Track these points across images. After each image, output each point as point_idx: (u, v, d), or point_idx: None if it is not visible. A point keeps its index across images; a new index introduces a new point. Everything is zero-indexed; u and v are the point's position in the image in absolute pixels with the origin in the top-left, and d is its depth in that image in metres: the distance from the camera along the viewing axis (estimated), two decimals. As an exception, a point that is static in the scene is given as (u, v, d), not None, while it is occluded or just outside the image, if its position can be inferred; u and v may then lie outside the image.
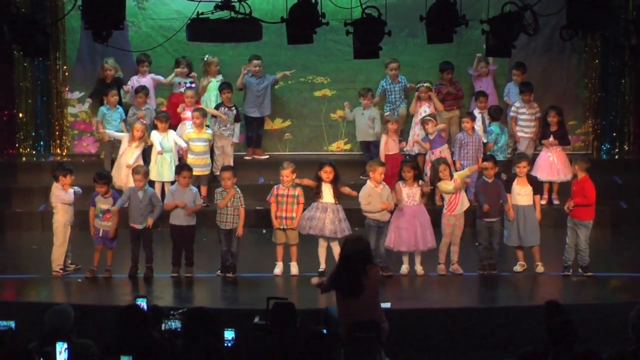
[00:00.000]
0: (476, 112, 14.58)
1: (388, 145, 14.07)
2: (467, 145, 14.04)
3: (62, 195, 12.12)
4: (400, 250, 12.16)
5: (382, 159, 13.61)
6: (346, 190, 12.21)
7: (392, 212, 12.10)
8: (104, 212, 12.05)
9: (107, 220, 12.03)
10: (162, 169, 13.96)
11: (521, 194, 12.17)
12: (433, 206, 13.36)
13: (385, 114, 14.70)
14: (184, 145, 14.05)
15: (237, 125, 14.78)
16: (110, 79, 14.89)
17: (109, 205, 12.04)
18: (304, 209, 12.20)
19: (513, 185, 12.21)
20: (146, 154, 14.14)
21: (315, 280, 11.46)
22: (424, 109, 14.53)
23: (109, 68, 14.91)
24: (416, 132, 14.52)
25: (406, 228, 12.07)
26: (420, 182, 12.36)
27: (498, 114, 14.51)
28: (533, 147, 14.66)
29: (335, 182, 12.10)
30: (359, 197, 12.12)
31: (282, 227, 12.10)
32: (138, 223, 12.06)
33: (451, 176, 12.21)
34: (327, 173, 12.07)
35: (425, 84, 14.67)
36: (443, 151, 14.04)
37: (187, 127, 14.37)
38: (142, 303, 8.75)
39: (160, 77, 15.03)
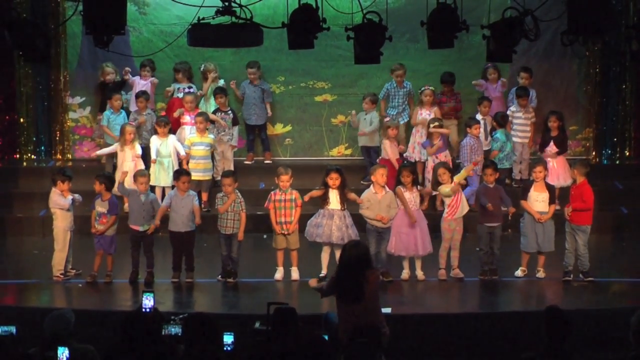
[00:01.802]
0: (479, 117, 14.56)
1: (391, 150, 14.07)
2: (476, 150, 14.02)
3: (59, 200, 12.12)
4: (401, 255, 12.15)
5: (393, 161, 13.65)
6: (352, 196, 12.19)
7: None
8: (101, 216, 12.06)
9: (102, 224, 12.04)
10: (160, 174, 13.95)
11: (539, 200, 12.12)
12: (434, 211, 13.35)
13: (386, 119, 14.70)
14: (182, 153, 14.02)
15: (236, 129, 14.80)
16: (110, 82, 14.92)
17: (105, 209, 12.04)
18: (310, 215, 12.20)
19: (530, 192, 12.17)
20: (147, 158, 14.14)
21: (313, 282, 11.47)
22: (426, 115, 14.50)
23: (110, 72, 14.95)
24: (417, 139, 14.53)
25: (407, 233, 12.07)
26: (419, 187, 12.32)
27: (504, 120, 14.48)
28: (528, 152, 14.64)
29: (342, 188, 12.09)
30: (362, 203, 12.12)
31: (282, 232, 12.10)
32: (139, 225, 12.06)
33: (451, 180, 12.19)
34: (333, 179, 12.06)
35: (430, 87, 14.65)
36: (442, 157, 14.04)
37: (187, 132, 14.38)
38: (149, 297, 8.76)
39: (153, 79, 15.00)
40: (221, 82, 15.09)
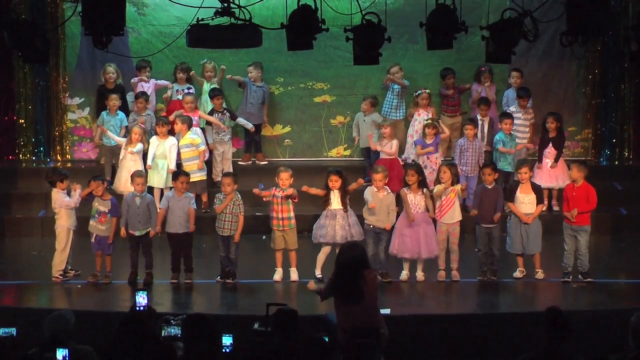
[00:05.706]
0: (478, 118, 14.55)
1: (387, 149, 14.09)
2: (467, 151, 14.02)
3: (64, 200, 12.10)
4: (404, 257, 12.14)
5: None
6: (354, 186, 12.16)
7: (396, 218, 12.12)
8: (100, 214, 12.04)
9: (101, 223, 12.02)
10: (152, 175, 13.89)
11: (525, 202, 12.10)
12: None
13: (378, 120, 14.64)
14: (172, 166, 13.80)
15: (241, 119, 14.75)
16: (112, 85, 14.90)
17: (107, 209, 12.03)
18: (310, 215, 12.21)
19: (516, 193, 12.16)
20: (146, 158, 14.12)
21: (311, 285, 11.45)
22: (423, 117, 14.51)
23: (112, 72, 14.90)
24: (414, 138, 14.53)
25: (410, 235, 12.04)
26: (425, 190, 12.24)
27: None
28: (526, 153, 14.64)
29: (343, 189, 12.08)
30: (364, 193, 12.10)
31: (279, 229, 12.08)
32: (136, 230, 12.03)
33: (453, 182, 12.13)
34: (332, 182, 12.06)
35: (427, 90, 14.66)
36: (433, 159, 14.01)
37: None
38: (143, 295, 8.76)
39: (162, 82, 15.04)
40: (214, 81, 15.06)
